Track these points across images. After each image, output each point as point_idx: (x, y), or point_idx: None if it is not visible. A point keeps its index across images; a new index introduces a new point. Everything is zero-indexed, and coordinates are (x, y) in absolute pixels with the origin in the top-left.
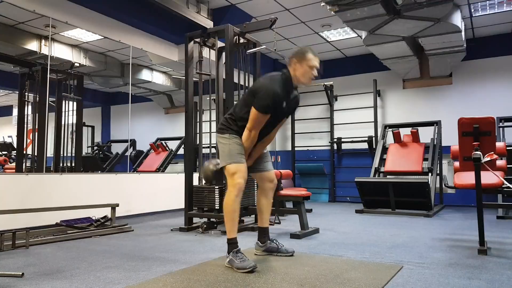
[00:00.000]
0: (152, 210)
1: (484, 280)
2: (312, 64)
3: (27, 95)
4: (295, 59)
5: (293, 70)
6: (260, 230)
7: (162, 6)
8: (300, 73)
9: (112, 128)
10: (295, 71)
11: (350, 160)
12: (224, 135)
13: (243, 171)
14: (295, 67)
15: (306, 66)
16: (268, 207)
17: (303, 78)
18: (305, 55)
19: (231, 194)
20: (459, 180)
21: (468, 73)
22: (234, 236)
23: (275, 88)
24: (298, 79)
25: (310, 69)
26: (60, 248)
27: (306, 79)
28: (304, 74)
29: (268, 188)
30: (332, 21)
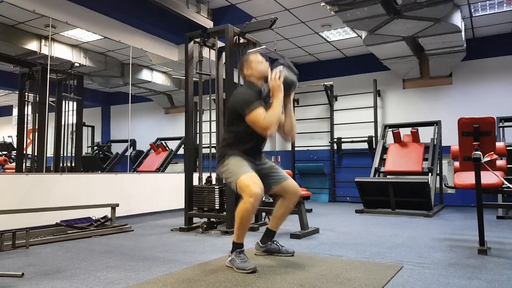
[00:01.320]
0: (152, 210)
1: (484, 280)
2: (258, 60)
3: (27, 95)
4: (244, 67)
5: (249, 76)
6: (268, 232)
7: (162, 6)
8: (255, 72)
9: (112, 128)
10: (251, 75)
11: (350, 160)
12: (224, 163)
13: (256, 180)
14: (248, 73)
15: (254, 64)
16: (284, 216)
17: (260, 73)
18: (248, 58)
19: (248, 204)
20: (459, 180)
21: (468, 73)
22: (241, 242)
23: (241, 91)
24: (257, 77)
25: (258, 64)
26: (60, 248)
27: (262, 71)
28: (257, 70)
29: (292, 200)
30: (332, 21)
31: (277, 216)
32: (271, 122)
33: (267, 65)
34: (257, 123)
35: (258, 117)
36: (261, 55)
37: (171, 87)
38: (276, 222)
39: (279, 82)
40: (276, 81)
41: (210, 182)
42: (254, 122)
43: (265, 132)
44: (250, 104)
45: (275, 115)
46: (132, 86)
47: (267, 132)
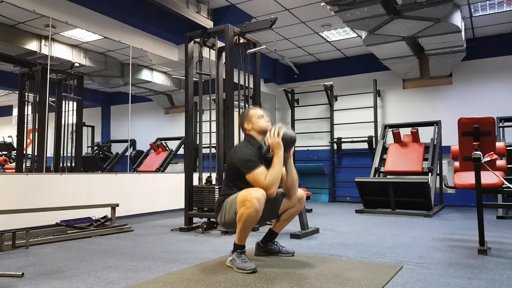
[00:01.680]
0: (152, 210)
1: (484, 280)
2: (258, 114)
3: (27, 95)
4: (245, 122)
5: (250, 130)
6: (270, 233)
7: (162, 6)
8: (256, 127)
9: (112, 128)
10: (252, 130)
11: (350, 160)
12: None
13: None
14: (249, 127)
15: (254, 119)
16: (289, 220)
17: (260, 128)
18: (248, 113)
19: (251, 209)
20: (459, 180)
21: (468, 73)
22: (243, 244)
23: (242, 148)
24: (258, 131)
25: (259, 119)
26: (60, 248)
27: (262, 126)
28: (259, 125)
29: (299, 208)
30: (332, 21)
31: (282, 220)
32: (272, 181)
33: (268, 120)
34: (258, 182)
35: (259, 176)
36: (260, 110)
37: (171, 87)
38: (280, 224)
39: (278, 139)
40: (275, 139)
41: (210, 182)
42: (255, 181)
43: (266, 192)
44: (250, 163)
45: (276, 174)
46: (132, 86)
47: (268, 192)
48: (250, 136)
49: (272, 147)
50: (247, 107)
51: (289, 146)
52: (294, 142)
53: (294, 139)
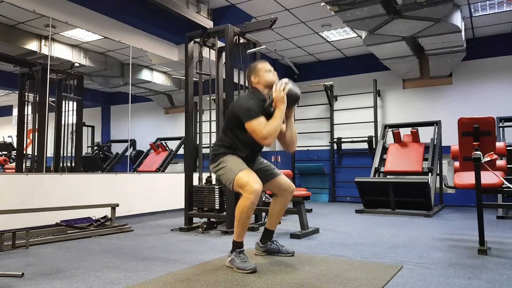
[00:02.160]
0: (152, 210)
1: (484, 280)
2: (266, 69)
3: (27, 95)
4: (252, 75)
5: (256, 83)
6: (266, 232)
7: (162, 6)
8: (263, 80)
9: (112, 128)
10: (258, 83)
11: (350, 160)
12: (218, 161)
13: (255, 177)
14: (255, 81)
15: (262, 73)
16: (280, 213)
17: (267, 82)
18: (256, 66)
19: (247, 201)
20: (459, 180)
21: (468, 73)
22: (241, 240)
23: (245, 98)
24: (264, 85)
25: (266, 73)
26: (60, 248)
27: (269, 80)
28: (265, 78)
29: (286, 198)
30: (332, 21)
31: (273, 214)
32: (270, 132)
33: (275, 75)
34: (257, 131)
35: (258, 125)
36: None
37: (171, 87)
38: (273, 220)
39: (283, 94)
40: (280, 93)
41: (210, 182)
42: (253, 130)
43: (263, 142)
44: (252, 112)
45: (275, 126)
46: (132, 86)
47: (265, 142)
48: (256, 89)
49: (275, 101)
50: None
51: (292, 103)
52: (298, 100)
53: (299, 97)
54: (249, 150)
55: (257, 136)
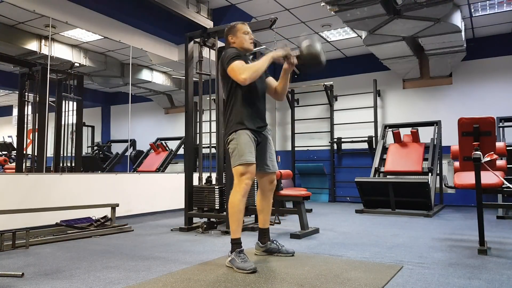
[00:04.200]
0: (152, 210)
1: (484, 280)
2: (245, 30)
3: (27, 95)
4: (230, 34)
5: (234, 43)
6: (261, 231)
7: (162, 6)
8: (240, 42)
9: (112, 128)
10: (235, 43)
11: (350, 160)
12: (231, 135)
13: (252, 172)
14: (233, 41)
15: (240, 34)
16: (268, 208)
17: (244, 45)
18: (235, 27)
19: (237, 195)
20: (459, 180)
21: (468, 73)
22: (238, 236)
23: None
24: (240, 49)
25: (244, 35)
26: (60, 248)
27: (246, 44)
28: (242, 41)
29: (267, 190)
30: (332, 21)
31: (261, 211)
32: (246, 68)
33: (252, 39)
34: (235, 70)
35: (237, 65)
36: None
37: (171, 87)
38: (262, 218)
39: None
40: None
41: (210, 182)
42: (232, 70)
43: (239, 77)
44: (231, 56)
45: (254, 66)
46: (132, 86)
47: (240, 77)
48: (233, 48)
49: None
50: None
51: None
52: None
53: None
54: (252, 106)
55: (235, 74)
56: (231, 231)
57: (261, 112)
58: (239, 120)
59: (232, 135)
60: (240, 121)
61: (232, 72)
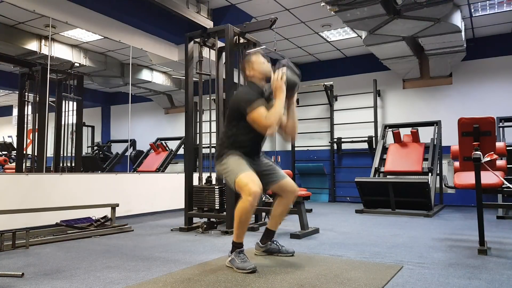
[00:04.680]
0: (152, 210)
1: (484, 280)
2: (260, 61)
3: (27, 95)
4: (246, 68)
5: (251, 76)
6: (267, 232)
7: (162, 6)
8: (257, 72)
9: (112, 128)
10: (253, 76)
11: (350, 160)
12: (222, 161)
13: (254, 179)
14: (251, 74)
15: (256, 65)
16: (282, 215)
17: (262, 73)
18: (250, 59)
19: (246, 203)
20: (459, 180)
21: (468, 73)
22: (241, 241)
23: (243, 90)
24: (259, 77)
25: (260, 65)
26: (60, 248)
27: (264, 72)
28: (259, 70)
29: (289, 199)
30: (332, 21)
31: (276, 216)
32: (272, 120)
33: (269, 66)
34: (258, 121)
35: (260, 115)
36: (263, 56)
37: (171, 87)
38: (275, 221)
39: (281, 82)
40: (278, 82)
41: (210, 182)
42: (255, 121)
43: (265, 131)
44: (252, 102)
45: (277, 114)
46: (132, 86)
47: (267, 131)
48: (252, 83)
49: (274, 90)
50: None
51: (291, 90)
52: (296, 86)
53: (297, 83)
54: (251, 143)
55: (259, 125)
56: (235, 235)
57: (258, 149)
58: (232, 148)
59: (223, 160)
60: (232, 148)
61: (254, 122)
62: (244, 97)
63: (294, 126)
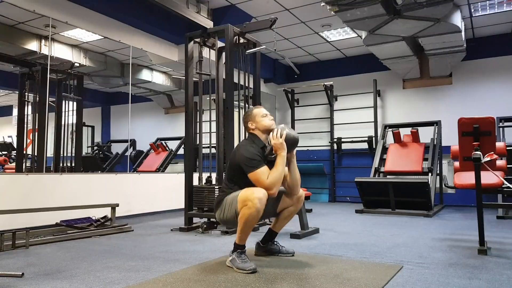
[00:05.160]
0: (152, 210)
1: (484, 280)
2: (262, 113)
3: (27, 95)
4: (249, 121)
5: (254, 129)
6: (270, 233)
7: (162, 6)
8: (260, 126)
9: (112, 128)
10: (255, 129)
11: (350, 160)
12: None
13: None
14: (252, 127)
15: (258, 118)
16: (288, 219)
17: (264, 127)
18: (252, 112)
19: (252, 209)
20: (459, 180)
21: (468, 73)
22: (243, 244)
23: (245, 146)
24: (262, 130)
25: (262, 118)
26: (60, 248)
27: (266, 125)
28: (263, 124)
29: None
30: (332, 21)
31: (281, 219)
32: (273, 181)
33: (272, 118)
34: (260, 182)
35: (262, 175)
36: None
37: (171, 87)
38: (279, 224)
39: (281, 140)
40: (278, 140)
41: (210, 182)
42: (257, 180)
43: (267, 192)
44: (254, 161)
45: (278, 174)
46: (132, 86)
47: (269, 192)
48: (254, 135)
49: (275, 148)
50: (248, 107)
51: (292, 147)
52: (297, 143)
53: (297, 140)
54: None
55: (261, 186)
56: (238, 237)
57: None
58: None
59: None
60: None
61: (257, 183)
62: (245, 156)
63: (296, 180)
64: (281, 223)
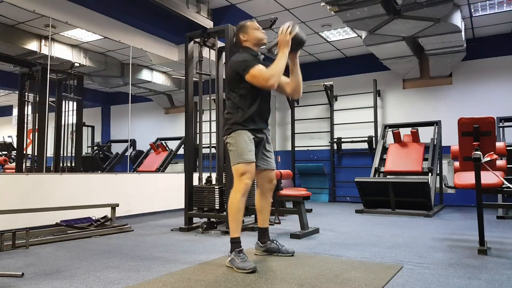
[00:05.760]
0: (152, 210)
1: (484, 280)
2: (255, 26)
3: (27, 95)
4: (240, 33)
5: (246, 41)
6: (260, 231)
7: (162, 6)
8: (252, 38)
9: (112, 128)
10: (248, 41)
11: (350, 160)
12: (231, 135)
13: (251, 171)
14: (244, 39)
15: (251, 30)
16: (267, 208)
17: (256, 39)
18: (245, 25)
19: (237, 194)
20: (459, 180)
21: (468, 73)
22: (238, 236)
23: (238, 55)
24: (253, 43)
25: (255, 30)
26: (60, 248)
27: (260, 36)
28: (255, 36)
29: (267, 189)
30: (332, 21)
31: (260, 210)
32: (273, 73)
33: (264, 33)
34: (258, 76)
35: (259, 71)
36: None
37: (171, 87)
38: (262, 217)
39: (288, 37)
40: (285, 36)
41: (210, 182)
42: (254, 76)
43: (266, 83)
44: (248, 62)
45: (278, 67)
46: (132, 86)
47: (269, 83)
48: (245, 48)
49: (280, 43)
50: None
51: (297, 47)
52: (303, 44)
53: (304, 41)
54: (258, 103)
55: (259, 80)
56: (230, 230)
57: (265, 114)
58: (241, 121)
59: (231, 134)
60: (242, 122)
61: (254, 79)
62: (240, 59)
63: (298, 83)
64: (263, 216)
